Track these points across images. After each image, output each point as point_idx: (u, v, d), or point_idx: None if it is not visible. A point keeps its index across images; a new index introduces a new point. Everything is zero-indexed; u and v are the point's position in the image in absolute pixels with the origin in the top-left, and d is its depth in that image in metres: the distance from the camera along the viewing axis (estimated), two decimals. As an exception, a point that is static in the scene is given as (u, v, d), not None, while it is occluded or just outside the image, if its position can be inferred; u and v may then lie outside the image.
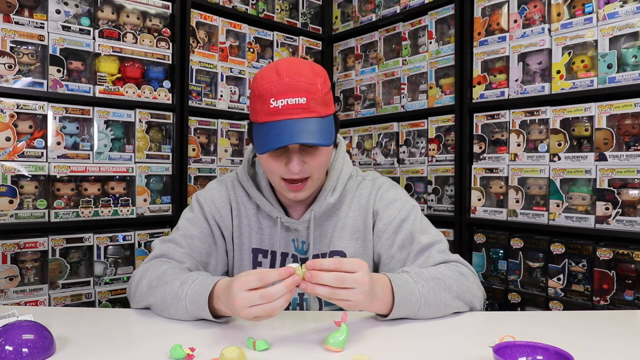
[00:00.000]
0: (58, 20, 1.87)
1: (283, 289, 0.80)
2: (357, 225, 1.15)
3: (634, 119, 1.67)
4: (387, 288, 0.92)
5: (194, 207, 1.18)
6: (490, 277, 2.06)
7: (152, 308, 1.02)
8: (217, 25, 2.32)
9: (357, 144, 2.64)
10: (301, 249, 1.15)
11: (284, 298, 0.80)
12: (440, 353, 0.81)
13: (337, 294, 0.82)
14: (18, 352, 0.73)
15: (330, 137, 0.99)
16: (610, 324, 0.99)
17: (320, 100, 0.98)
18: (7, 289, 1.76)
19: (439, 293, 0.96)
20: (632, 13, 1.67)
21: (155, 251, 1.11)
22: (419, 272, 0.98)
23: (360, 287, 0.82)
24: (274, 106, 0.95)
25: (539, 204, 1.91)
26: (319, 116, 0.97)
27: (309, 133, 0.95)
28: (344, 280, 0.81)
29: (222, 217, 1.17)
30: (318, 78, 0.98)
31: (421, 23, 2.34)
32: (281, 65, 0.98)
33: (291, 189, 1.04)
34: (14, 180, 1.77)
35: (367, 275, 0.83)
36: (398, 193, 1.17)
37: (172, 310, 0.95)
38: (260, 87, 0.98)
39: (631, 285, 1.66)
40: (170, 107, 2.18)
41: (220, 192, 1.18)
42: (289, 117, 0.95)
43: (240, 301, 0.81)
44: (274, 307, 0.80)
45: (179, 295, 0.94)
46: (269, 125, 0.96)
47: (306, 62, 1.02)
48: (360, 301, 0.84)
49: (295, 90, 0.95)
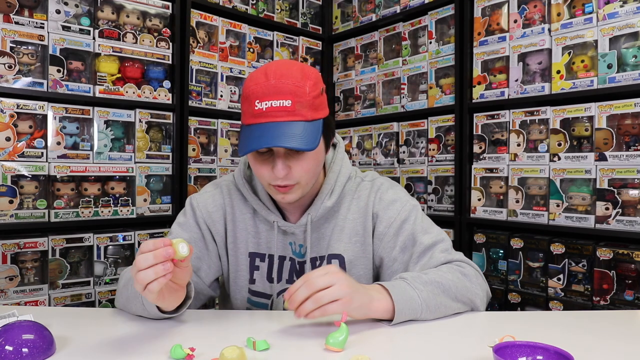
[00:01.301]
0: (58, 20, 1.87)
1: (150, 259, 0.77)
2: (356, 228, 1.13)
3: (634, 119, 1.67)
4: (382, 289, 0.94)
5: (187, 211, 1.17)
6: (490, 277, 2.06)
7: (122, 306, 1.04)
8: (217, 25, 2.32)
9: (357, 144, 2.64)
10: (299, 253, 1.14)
11: (153, 270, 0.77)
12: (440, 353, 0.81)
13: (324, 311, 0.85)
14: (18, 352, 0.73)
15: (313, 142, 0.94)
16: (610, 324, 0.99)
17: (308, 104, 0.95)
18: (7, 289, 1.76)
19: (437, 297, 0.96)
20: (632, 13, 1.67)
21: None
22: (416, 277, 0.98)
23: (341, 293, 0.86)
24: (259, 108, 0.93)
25: (539, 204, 1.91)
26: (304, 120, 0.94)
27: (290, 137, 0.91)
28: (321, 298, 0.85)
29: (213, 221, 1.15)
30: (307, 81, 0.95)
31: (421, 23, 2.34)
32: (270, 68, 0.96)
33: (279, 191, 1.02)
34: (14, 180, 1.77)
35: (343, 282, 0.87)
36: (398, 193, 1.16)
37: (134, 306, 0.97)
38: (247, 88, 0.97)
39: (631, 285, 1.66)
40: (170, 107, 2.18)
41: (214, 197, 1.17)
42: (272, 119, 0.93)
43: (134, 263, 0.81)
44: (140, 276, 0.77)
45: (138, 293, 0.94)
46: (253, 128, 0.94)
47: (298, 64, 1.01)
48: (346, 293, 0.86)
49: (280, 92, 0.93)
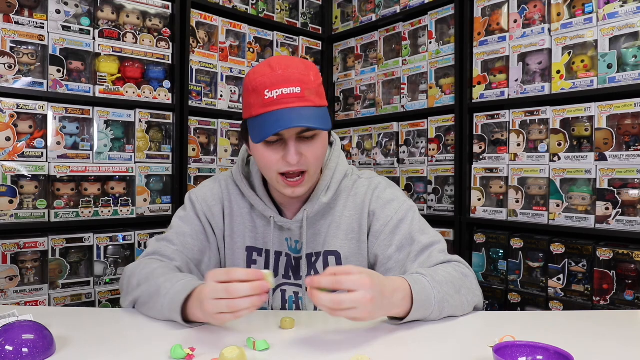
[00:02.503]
0: (58, 20, 1.87)
1: (248, 289, 0.79)
2: (352, 225, 1.14)
3: (634, 119, 1.67)
4: (408, 295, 0.90)
5: (187, 206, 1.18)
6: (490, 277, 2.06)
7: (136, 304, 1.02)
8: (217, 25, 2.32)
9: (357, 144, 2.64)
10: (294, 249, 1.15)
11: (249, 300, 0.79)
12: (440, 353, 0.81)
13: (338, 314, 0.81)
14: (18, 352, 0.73)
15: (327, 124, 0.99)
16: (610, 324, 0.99)
17: (315, 91, 0.98)
18: (7, 289, 1.76)
19: (451, 297, 0.95)
20: (632, 13, 1.67)
21: (148, 249, 1.13)
22: (433, 275, 0.96)
23: (361, 307, 0.80)
24: (269, 97, 0.95)
25: (539, 204, 1.91)
26: (313, 105, 0.98)
27: (307, 118, 0.95)
28: (341, 302, 0.79)
29: (213, 215, 1.17)
30: (310, 71, 1.00)
31: (421, 23, 2.34)
32: (273, 60, 0.99)
33: (289, 185, 1.03)
34: (14, 180, 1.77)
35: (368, 294, 0.79)
36: (395, 193, 1.16)
37: (152, 305, 0.96)
38: (253, 81, 0.98)
39: (631, 285, 1.66)
40: (170, 107, 2.18)
41: (213, 190, 1.18)
42: (284, 106, 0.95)
43: (207, 290, 0.82)
44: (237, 304, 0.79)
45: (160, 292, 0.94)
46: (265, 116, 0.96)
47: (297, 57, 1.04)
48: (363, 318, 0.82)
49: (289, 80, 0.96)
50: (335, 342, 0.86)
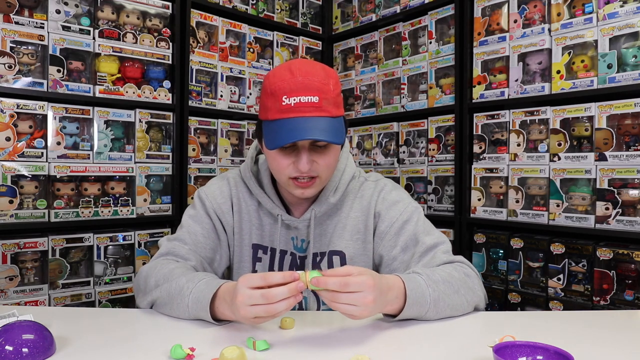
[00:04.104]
0: (58, 20, 1.87)
1: (285, 292, 0.80)
2: (358, 226, 1.15)
3: (634, 119, 1.67)
4: (401, 293, 0.91)
5: (196, 204, 1.19)
6: (490, 277, 2.06)
7: (155, 305, 1.02)
8: (217, 25, 2.32)
9: (357, 144, 2.64)
10: (300, 247, 1.15)
11: (286, 302, 0.80)
12: (440, 353, 0.81)
13: (337, 306, 0.82)
14: (18, 352, 0.73)
15: (341, 137, 0.99)
16: (610, 324, 0.99)
17: (332, 101, 0.98)
18: (7, 289, 1.76)
19: (448, 297, 0.96)
20: (632, 13, 1.67)
21: (161, 249, 1.13)
22: (430, 274, 0.97)
23: (362, 306, 0.81)
24: (287, 103, 0.95)
25: (539, 204, 1.91)
26: (330, 116, 0.98)
27: (320, 130, 0.95)
28: (347, 283, 0.81)
29: (223, 212, 1.17)
30: (330, 79, 0.99)
31: (421, 23, 2.34)
32: (294, 65, 0.99)
33: (299, 186, 1.03)
34: (14, 180, 1.77)
35: (370, 295, 0.82)
36: (400, 195, 1.17)
37: (174, 306, 0.95)
38: (272, 84, 0.98)
39: (631, 285, 1.66)
40: (170, 107, 2.18)
41: (222, 188, 1.19)
42: (301, 114, 0.95)
43: (242, 297, 0.81)
44: (276, 308, 0.80)
45: (183, 292, 0.94)
46: (281, 122, 0.96)
47: (319, 63, 1.04)
48: (360, 317, 0.83)
49: (308, 88, 0.96)
50: (335, 342, 0.86)
